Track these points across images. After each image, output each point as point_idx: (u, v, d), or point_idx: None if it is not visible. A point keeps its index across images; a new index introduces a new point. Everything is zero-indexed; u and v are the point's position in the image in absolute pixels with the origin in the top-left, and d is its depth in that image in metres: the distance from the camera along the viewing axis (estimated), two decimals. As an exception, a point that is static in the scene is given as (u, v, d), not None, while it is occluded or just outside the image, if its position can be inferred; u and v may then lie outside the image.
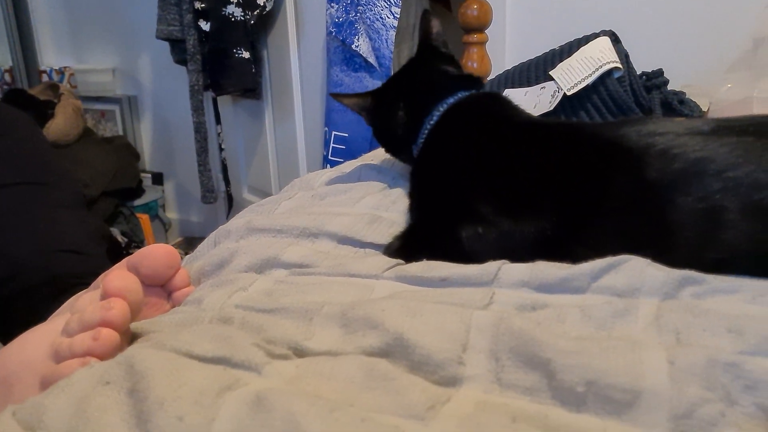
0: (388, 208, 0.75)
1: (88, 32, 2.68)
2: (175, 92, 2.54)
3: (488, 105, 0.74)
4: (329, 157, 1.73)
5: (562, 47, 0.97)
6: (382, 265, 0.61)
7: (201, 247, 0.76)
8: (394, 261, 0.62)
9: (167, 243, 2.65)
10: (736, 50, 1.05)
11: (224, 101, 2.24)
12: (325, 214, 0.72)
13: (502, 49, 1.74)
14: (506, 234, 0.61)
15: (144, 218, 2.34)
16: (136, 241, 2.16)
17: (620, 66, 0.87)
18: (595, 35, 0.93)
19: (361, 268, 0.60)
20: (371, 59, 1.63)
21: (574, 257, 0.57)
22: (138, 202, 2.43)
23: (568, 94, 0.88)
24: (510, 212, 0.61)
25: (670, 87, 0.98)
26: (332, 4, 1.66)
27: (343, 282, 0.59)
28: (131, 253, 0.59)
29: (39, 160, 0.94)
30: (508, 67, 1.18)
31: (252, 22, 1.85)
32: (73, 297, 0.68)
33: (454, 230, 0.63)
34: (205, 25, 1.88)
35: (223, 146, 2.10)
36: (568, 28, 1.69)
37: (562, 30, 1.63)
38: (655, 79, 0.96)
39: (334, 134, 1.71)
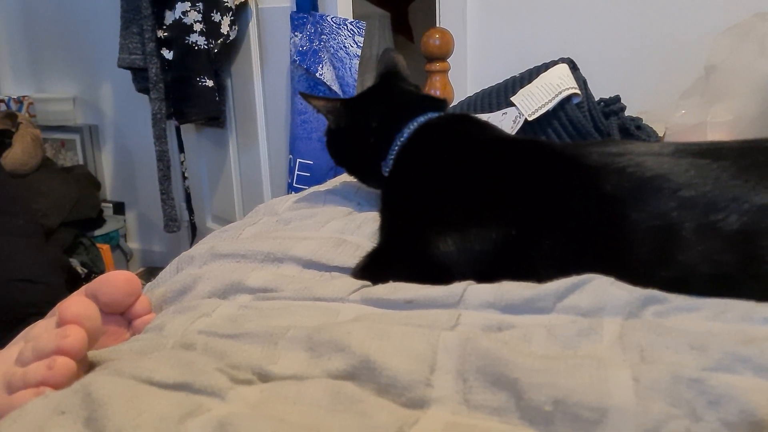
0: (354, 232, 0.75)
1: (48, 61, 2.64)
2: (137, 121, 2.52)
3: (459, 124, 0.75)
4: (294, 185, 1.72)
5: (522, 74, 0.99)
6: (347, 288, 0.60)
7: (163, 273, 0.74)
8: (360, 283, 0.61)
9: (128, 274, 2.61)
10: (688, 78, 1.08)
11: (188, 130, 2.23)
12: (290, 239, 0.71)
13: (464, 76, 1.77)
14: (471, 249, 0.61)
15: (105, 248, 2.29)
16: (96, 272, 2.11)
17: (579, 92, 0.89)
18: (554, 62, 0.95)
19: (326, 291, 0.60)
20: (335, 87, 1.64)
21: (536, 271, 0.58)
22: (99, 232, 2.38)
23: (529, 119, 0.89)
24: (476, 228, 0.62)
25: (627, 113, 1.01)
26: (296, 33, 1.67)
27: (309, 306, 0.59)
28: (91, 283, 0.58)
29: (-6, 189, 0.92)
30: (470, 94, 1.20)
31: (216, 50, 1.85)
32: (29, 326, 0.66)
33: (422, 247, 0.63)
34: (167, 54, 1.87)
35: (186, 174, 2.08)
36: (527, 56, 1.73)
37: (522, 58, 1.67)
38: (613, 105, 0.99)
39: (299, 161, 1.71)
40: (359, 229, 0.75)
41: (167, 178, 2.02)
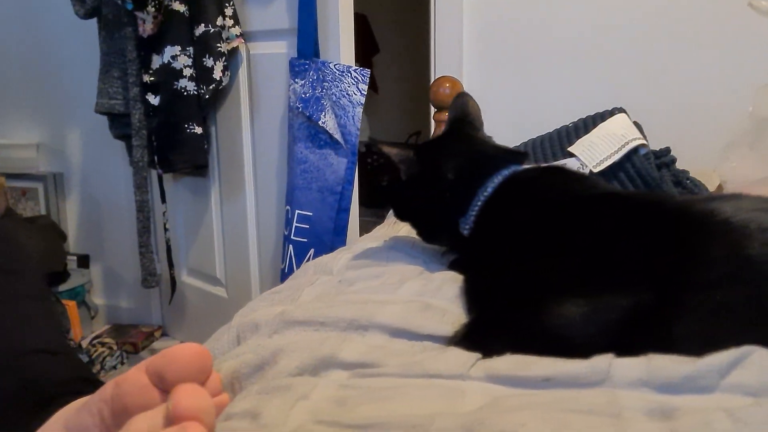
0: (435, 294, 0.67)
1: (10, 106, 2.50)
2: (106, 169, 2.40)
3: (557, 176, 0.69)
4: (291, 237, 1.63)
5: (575, 124, 0.94)
6: (463, 362, 0.52)
7: (216, 343, 0.65)
8: (474, 356, 0.54)
9: (93, 331, 2.43)
10: (728, 130, 1.06)
11: (165, 179, 2.11)
12: (370, 303, 0.63)
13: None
14: (598, 313, 0.54)
15: (71, 305, 2.13)
16: (63, 331, 1.95)
17: (646, 143, 0.85)
18: (610, 112, 0.92)
19: (441, 367, 0.52)
20: (337, 136, 1.58)
21: (675, 343, 0.52)
22: (63, 287, 2.22)
23: (594, 171, 0.84)
24: (599, 290, 0.55)
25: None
26: (297, 80, 1.61)
27: (424, 385, 0.50)
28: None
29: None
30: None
31: (207, 96, 1.76)
32: (68, 411, 0.55)
33: (537, 313, 0.56)
34: (153, 99, 1.78)
35: (167, 226, 1.96)
36: (539, 106, 1.71)
37: (533, 108, 1.64)
38: (664, 158, 0.95)
39: (297, 213, 1.62)
40: (440, 292, 0.67)
41: (147, 229, 1.90)
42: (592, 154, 0.85)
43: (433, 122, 1.54)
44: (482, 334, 0.58)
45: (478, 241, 0.69)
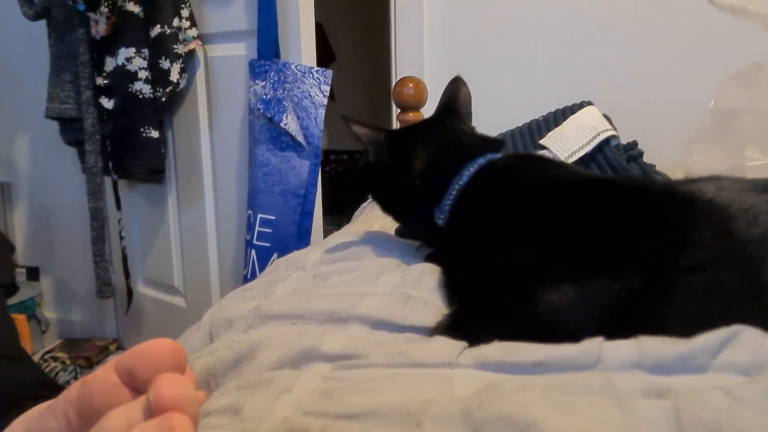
0: (415, 285, 0.65)
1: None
2: (57, 177, 2.31)
3: (534, 163, 0.68)
4: (254, 242, 1.59)
5: (546, 117, 0.94)
6: (450, 350, 0.51)
7: (189, 341, 0.62)
8: (461, 345, 0.52)
9: (44, 346, 2.33)
10: (690, 125, 1.08)
11: (120, 185, 2.05)
12: (348, 295, 0.61)
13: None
14: (587, 299, 0.53)
15: (20, 319, 2.04)
16: (18, 336, 1.86)
17: (617, 134, 0.85)
18: (579, 105, 0.92)
19: (427, 356, 0.50)
20: (300, 138, 1.55)
21: (666, 325, 0.51)
22: (12, 300, 2.12)
23: (566, 162, 0.84)
24: (587, 276, 0.54)
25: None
26: (257, 81, 1.58)
27: (412, 374, 0.48)
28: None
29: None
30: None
31: (163, 99, 1.72)
32: (31, 415, 0.51)
33: (525, 300, 0.55)
34: (107, 103, 1.72)
35: (123, 234, 1.90)
36: (507, 103, 1.72)
37: (498, 105, 1.64)
38: (632, 151, 0.96)
39: (260, 217, 1.59)
40: (420, 283, 0.65)
41: (101, 238, 1.83)
42: (564, 145, 0.84)
43: (396, 124, 1.53)
44: (468, 323, 0.56)
45: (455, 231, 0.67)
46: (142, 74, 1.70)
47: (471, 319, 0.57)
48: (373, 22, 3.35)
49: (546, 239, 0.58)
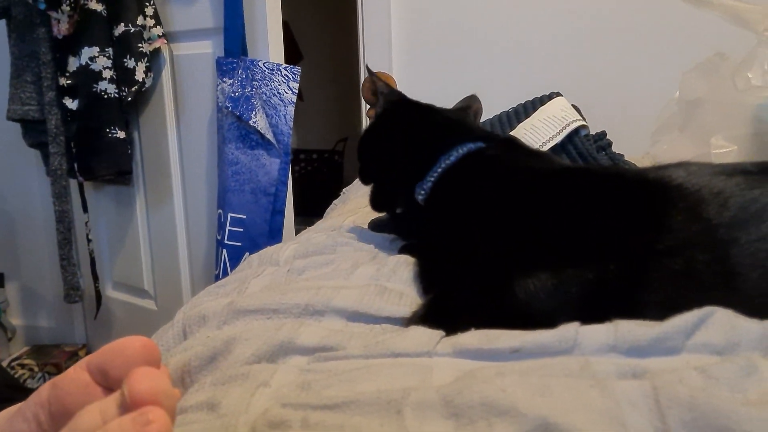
0: (390, 278, 0.65)
1: None
2: (19, 180, 2.26)
3: (514, 152, 0.69)
4: (225, 241, 1.58)
5: (515, 109, 0.95)
6: (427, 340, 0.51)
7: (162, 340, 0.61)
8: (438, 333, 0.52)
9: (11, 353, 2.28)
10: (656, 115, 1.10)
11: (86, 187, 2.01)
12: (324, 288, 0.60)
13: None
14: (563, 286, 0.54)
15: (-15, 326, 1.99)
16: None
17: (586, 124, 0.86)
18: (548, 96, 0.92)
19: (405, 345, 0.50)
20: (269, 135, 1.54)
21: (640, 309, 0.52)
22: (-24, 308, 2.07)
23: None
24: (564, 261, 0.55)
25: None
26: (225, 79, 1.56)
27: (390, 364, 0.48)
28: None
29: None
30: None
31: (129, 99, 1.69)
32: (9, 419, 0.50)
33: (501, 288, 0.55)
34: (71, 103, 1.69)
35: (90, 237, 1.86)
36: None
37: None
38: (601, 141, 0.97)
39: (231, 216, 1.57)
40: (395, 275, 0.65)
41: (68, 241, 1.80)
42: (535, 137, 0.85)
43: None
44: (444, 312, 0.57)
45: (433, 210, 0.68)
46: (107, 74, 1.67)
47: (447, 307, 0.57)
48: (341, 20, 3.34)
49: (522, 226, 0.59)
